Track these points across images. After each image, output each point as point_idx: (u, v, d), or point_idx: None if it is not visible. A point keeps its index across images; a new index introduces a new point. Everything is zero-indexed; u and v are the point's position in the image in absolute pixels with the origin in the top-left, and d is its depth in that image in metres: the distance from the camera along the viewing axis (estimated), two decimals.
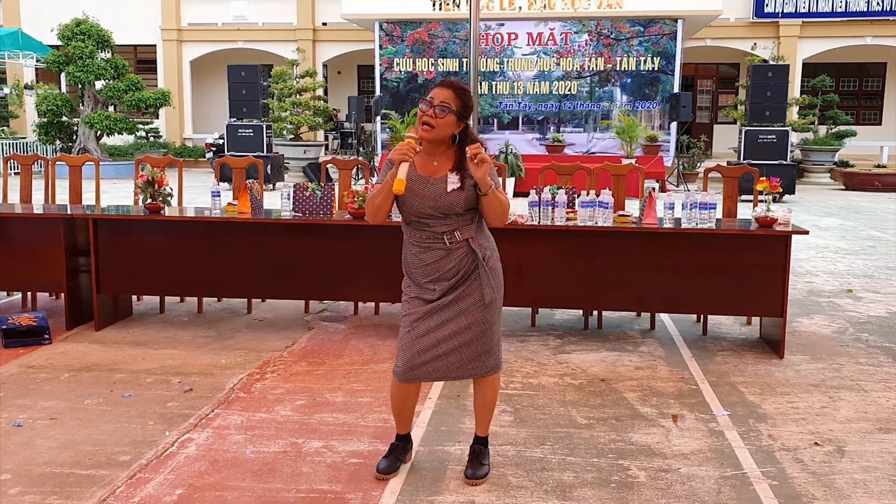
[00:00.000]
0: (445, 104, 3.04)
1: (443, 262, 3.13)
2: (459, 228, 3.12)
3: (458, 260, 3.13)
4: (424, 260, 3.14)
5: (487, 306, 3.17)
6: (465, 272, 3.15)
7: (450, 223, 3.11)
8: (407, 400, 3.34)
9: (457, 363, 3.19)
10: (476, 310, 3.16)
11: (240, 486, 3.23)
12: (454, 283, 3.14)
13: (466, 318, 3.15)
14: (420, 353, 3.16)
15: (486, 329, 3.19)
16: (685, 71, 20.00)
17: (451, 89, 3.08)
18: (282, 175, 16.49)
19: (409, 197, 3.08)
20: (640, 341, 5.38)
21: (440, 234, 3.11)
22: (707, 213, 4.99)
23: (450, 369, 3.20)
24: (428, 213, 3.09)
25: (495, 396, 3.36)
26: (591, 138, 18.13)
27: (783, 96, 14.83)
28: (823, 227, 11.20)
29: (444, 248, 3.12)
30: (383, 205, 3.09)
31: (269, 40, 22.93)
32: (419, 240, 3.14)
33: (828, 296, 6.82)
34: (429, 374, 3.21)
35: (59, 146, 19.39)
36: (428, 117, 3.05)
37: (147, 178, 5.35)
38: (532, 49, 18.14)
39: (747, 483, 3.32)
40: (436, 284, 3.15)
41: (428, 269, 3.14)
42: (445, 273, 3.13)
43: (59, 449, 3.55)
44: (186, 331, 5.51)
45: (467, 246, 3.14)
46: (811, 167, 18.85)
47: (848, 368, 4.85)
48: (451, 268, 3.13)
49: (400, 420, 3.41)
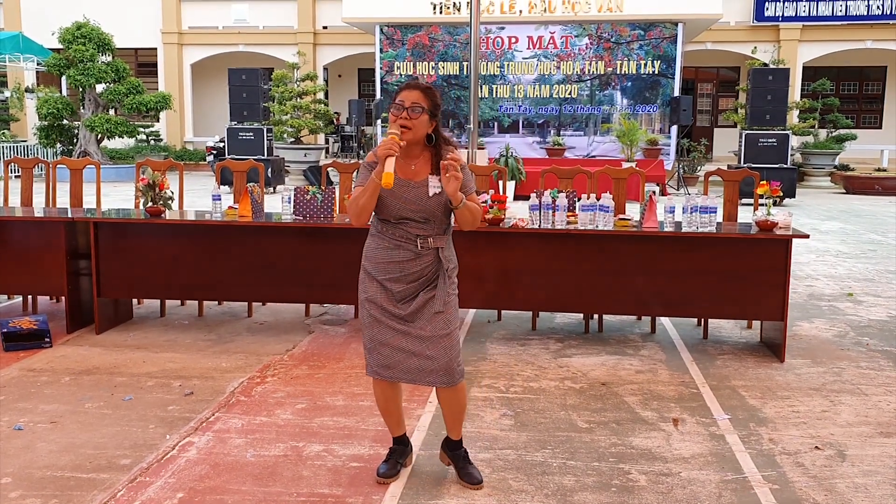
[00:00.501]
0: (417, 104, 3.06)
1: (409, 264, 3.14)
2: (433, 236, 3.14)
3: (423, 266, 3.14)
4: (392, 257, 3.14)
5: (439, 315, 3.15)
6: (426, 280, 3.16)
7: (427, 228, 3.12)
8: (388, 400, 3.34)
9: (428, 369, 3.16)
10: (436, 320, 3.15)
11: (240, 490, 3.23)
12: (413, 288, 3.15)
13: (428, 325, 3.15)
14: (389, 355, 3.18)
15: (445, 335, 3.16)
16: (686, 74, 20.03)
17: (419, 90, 3.09)
18: (282, 178, 16.51)
19: (390, 199, 3.09)
20: (640, 345, 5.38)
21: (414, 236, 3.12)
22: (708, 216, 4.99)
23: (414, 375, 3.19)
24: (408, 215, 3.11)
25: (462, 404, 3.33)
26: (591, 142, 18.16)
27: (783, 100, 14.85)
28: (824, 230, 11.20)
29: (415, 250, 3.13)
30: (368, 204, 3.07)
31: (269, 44, 22.96)
32: (392, 236, 3.15)
33: (828, 299, 6.82)
34: (405, 374, 3.21)
35: (59, 149, 19.42)
36: (403, 119, 3.05)
37: (148, 181, 5.35)
38: (532, 52, 18.18)
39: (748, 487, 3.32)
40: (395, 284, 3.15)
41: (391, 267, 3.14)
42: (408, 275, 3.14)
43: (59, 452, 3.55)
44: (187, 334, 5.51)
45: (435, 255, 3.16)
46: (811, 171, 18.86)
47: (849, 372, 4.85)
48: (416, 272, 3.14)
49: (390, 421, 3.41)
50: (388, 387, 3.31)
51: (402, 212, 3.10)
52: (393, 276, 3.14)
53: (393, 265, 3.14)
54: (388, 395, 3.33)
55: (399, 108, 3.06)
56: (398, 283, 3.15)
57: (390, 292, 3.15)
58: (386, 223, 3.16)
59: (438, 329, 3.15)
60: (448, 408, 3.31)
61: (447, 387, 3.21)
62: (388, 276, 3.15)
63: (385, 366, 3.21)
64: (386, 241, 3.16)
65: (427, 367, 3.17)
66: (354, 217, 3.12)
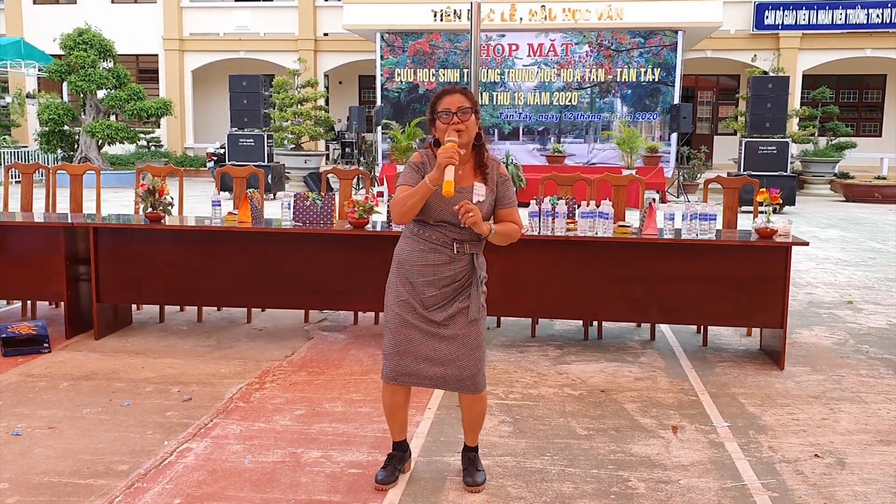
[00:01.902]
0: (464, 106, 3.10)
1: (444, 268, 3.15)
2: (469, 241, 3.17)
3: (456, 270, 3.16)
4: (427, 260, 3.15)
5: (474, 324, 3.19)
6: (460, 286, 3.18)
7: (463, 233, 3.14)
8: (397, 404, 3.34)
9: (453, 375, 3.19)
10: (466, 325, 3.18)
11: (238, 496, 3.22)
12: (446, 293, 3.16)
13: (458, 332, 3.17)
14: (412, 361, 3.18)
15: (475, 346, 3.20)
16: (685, 82, 20.06)
17: (459, 92, 3.13)
18: (283, 185, 16.51)
19: (435, 202, 3.10)
20: (640, 352, 5.37)
21: (451, 240, 3.14)
22: (707, 223, 4.99)
23: (447, 381, 3.20)
24: (448, 219, 3.12)
25: (483, 412, 3.36)
26: (591, 149, 18.17)
27: (783, 108, 14.86)
28: (824, 238, 11.20)
29: (451, 254, 3.15)
30: (416, 206, 3.08)
31: (270, 50, 23.01)
32: (428, 238, 3.16)
33: (828, 307, 6.81)
34: (426, 381, 3.22)
35: (60, 155, 19.44)
36: (455, 124, 3.08)
37: (148, 187, 5.35)
38: (533, 60, 18.21)
39: (747, 495, 3.31)
40: (428, 288, 3.16)
41: (427, 270, 3.15)
42: (442, 279, 3.15)
43: (57, 458, 3.54)
44: (186, 340, 5.51)
45: (470, 260, 3.18)
46: (811, 178, 18.87)
47: (848, 380, 4.84)
48: (449, 276, 3.15)
49: (394, 425, 3.40)
50: (399, 392, 3.30)
51: (444, 215, 3.12)
52: (427, 279, 3.16)
53: (428, 268, 3.15)
54: (396, 399, 3.32)
55: (447, 115, 3.08)
56: (431, 286, 3.16)
57: (422, 296, 3.16)
58: (423, 226, 3.17)
59: (471, 339, 3.19)
60: (469, 414, 3.34)
61: (472, 394, 3.24)
62: (421, 278, 3.16)
63: (405, 373, 3.21)
64: (422, 243, 3.17)
65: (453, 375, 3.19)
66: (398, 216, 3.13)
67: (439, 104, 3.12)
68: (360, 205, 5.14)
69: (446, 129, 3.08)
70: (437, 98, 3.15)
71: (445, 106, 3.10)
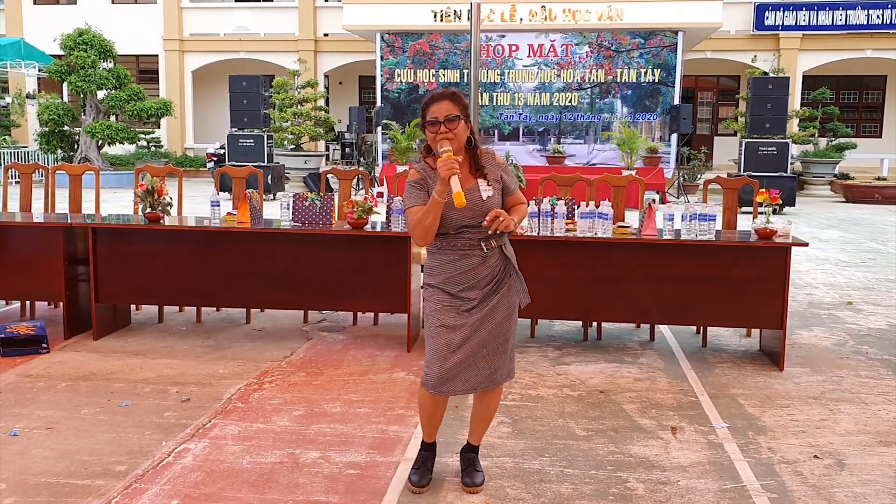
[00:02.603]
0: (451, 114, 3.07)
1: (479, 270, 3.15)
2: (495, 236, 3.16)
3: (492, 267, 3.17)
4: (461, 267, 3.15)
5: (513, 312, 3.23)
6: (498, 279, 3.19)
7: (485, 230, 3.13)
8: (437, 409, 3.32)
9: (485, 373, 3.20)
10: (505, 318, 3.20)
11: (236, 497, 3.21)
12: (487, 291, 3.17)
13: (497, 328, 3.18)
14: (456, 366, 3.15)
15: (508, 337, 3.23)
16: (686, 83, 20.06)
17: (446, 99, 3.10)
18: (282, 185, 16.51)
19: (448, 211, 3.08)
20: (639, 353, 5.36)
21: (476, 241, 3.14)
22: (707, 224, 4.98)
23: (479, 381, 3.20)
24: (467, 223, 3.12)
25: (496, 407, 3.38)
26: (591, 149, 18.17)
27: (783, 108, 14.86)
28: (824, 239, 11.19)
29: (482, 254, 3.15)
30: (434, 224, 3.07)
31: (270, 51, 23.01)
32: (455, 247, 3.15)
33: (828, 308, 6.81)
34: (461, 387, 3.20)
35: (60, 155, 19.44)
36: (443, 134, 3.06)
37: (146, 187, 5.35)
38: (533, 60, 18.20)
39: (746, 496, 3.30)
40: (470, 292, 3.16)
41: (464, 277, 3.15)
42: (480, 280, 3.16)
43: (54, 458, 3.53)
44: (185, 340, 5.50)
45: (500, 252, 3.20)
46: (811, 179, 18.86)
47: (848, 381, 4.84)
48: (486, 275, 3.16)
49: (430, 428, 3.39)
50: (439, 397, 3.28)
51: (462, 220, 3.11)
52: (466, 285, 3.15)
53: (464, 275, 3.15)
54: (437, 403, 3.30)
55: (435, 124, 3.06)
56: (473, 290, 3.15)
57: (465, 300, 3.15)
58: (447, 237, 3.16)
59: (512, 326, 3.22)
60: (486, 408, 3.34)
61: (495, 387, 3.26)
62: (461, 287, 3.15)
63: (446, 380, 3.17)
64: (451, 253, 3.16)
65: (483, 373, 3.18)
66: (421, 238, 3.12)
67: (428, 112, 3.10)
68: (359, 205, 5.14)
69: (435, 137, 3.07)
70: (426, 105, 3.12)
71: (433, 115, 3.08)
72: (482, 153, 3.22)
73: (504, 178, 3.23)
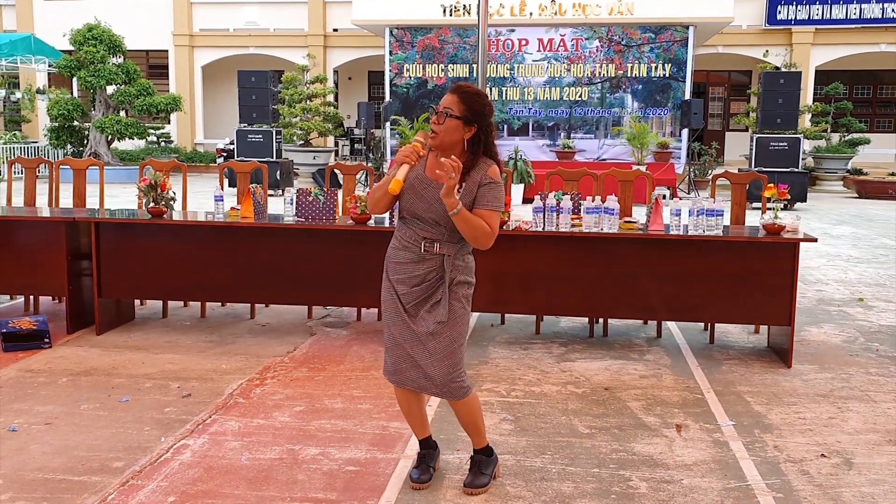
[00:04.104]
0: (447, 109, 3.01)
1: (411, 266, 3.10)
2: (441, 241, 3.07)
3: (426, 270, 3.08)
4: (398, 257, 3.13)
5: (445, 328, 3.07)
6: (430, 286, 3.10)
7: (435, 233, 3.06)
8: (411, 403, 3.28)
9: (430, 380, 3.12)
10: (437, 330, 3.08)
11: (233, 494, 3.18)
12: (417, 293, 3.09)
13: (424, 337, 3.09)
14: (397, 360, 3.15)
15: (448, 353, 3.09)
16: (697, 78, 19.90)
17: (456, 94, 3.04)
18: (291, 181, 16.48)
19: (409, 193, 3.07)
20: (645, 349, 5.30)
21: (420, 238, 3.08)
22: (714, 219, 4.92)
23: (428, 385, 3.14)
24: (420, 214, 3.07)
25: (475, 414, 3.26)
26: (601, 145, 18.06)
27: (795, 104, 14.70)
28: (835, 234, 11.08)
29: (419, 253, 3.08)
30: (381, 199, 3.07)
31: (280, 46, 22.98)
32: (402, 236, 3.14)
33: (838, 304, 6.72)
34: (410, 384, 3.17)
35: (70, 150, 19.48)
36: (432, 123, 3.03)
37: (149, 181, 5.32)
38: (543, 55, 18.10)
39: (751, 496, 3.24)
40: (401, 286, 3.12)
41: (399, 268, 3.13)
42: (411, 278, 3.10)
43: (52, 454, 3.51)
44: (188, 335, 5.47)
45: (440, 261, 3.08)
46: (824, 175, 18.69)
47: (857, 378, 4.76)
48: (418, 275, 3.09)
49: (412, 423, 3.35)
50: (404, 390, 3.24)
51: (415, 208, 3.06)
52: (399, 276, 3.12)
53: (400, 266, 3.12)
54: (408, 398, 3.27)
55: (433, 113, 3.04)
56: (402, 284, 3.12)
57: (399, 293, 3.13)
58: (402, 222, 3.14)
59: (443, 344, 3.08)
60: (460, 419, 3.29)
61: (455, 400, 3.18)
62: (396, 276, 3.13)
63: (393, 371, 3.19)
64: (397, 241, 3.15)
65: (430, 379, 3.13)
66: (370, 206, 3.17)
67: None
68: (361, 200, 5.10)
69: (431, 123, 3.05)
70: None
71: (441, 101, 3.06)
72: (481, 162, 3.08)
73: (482, 189, 3.03)
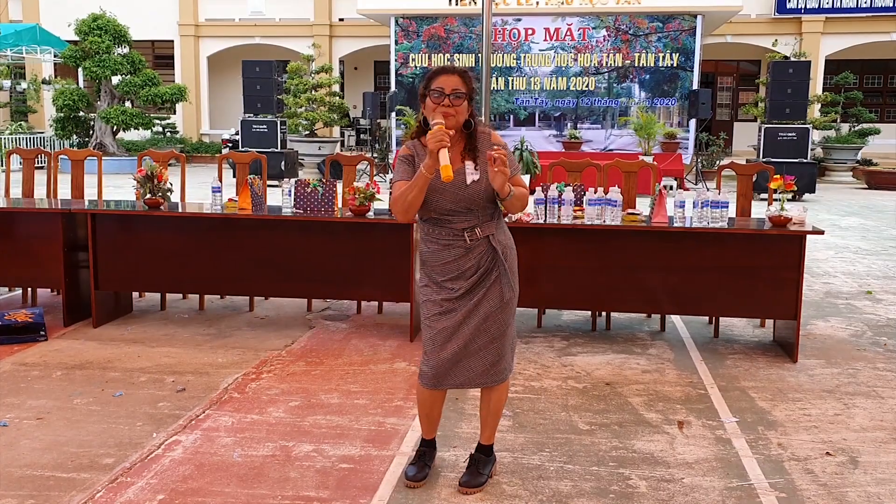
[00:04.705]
0: (458, 90, 2.94)
1: (462, 261, 3.02)
2: (480, 225, 3.01)
3: (478, 258, 3.03)
4: (443, 258, 3.03)
5: (505, 306, 3.07)
6: (485, 270, 3.04)
7: (471, 219, 3.00)
8: (435, 404, 3.23)
9: (479, 369, 3.08)
10: (495, 311, 3.05)
11: (223, 492, 3.12)
12: (473, 282, 3.03)
13: (486, 321, 3.04)
14: (446, 361, 3.06)
15: (503, 331, 3.08)
16: (705, 68, 19.71)
17: (457, 74, 2.97)
18: (296, 171, 16.40)
19: (434, 195, 2.97)
20: (648, 343, 5.22)
21: (461, 230, 3.00)
22: (719, 211, 4.82)
23: (472, 376, 3.09)
24: (449, 208, 2.97)
25: (503, 402, 3.24)
26: (608, 135, 17.93)
27: (804, 93, 14.52)
28: (843, 226, 10.95)
29: (465, 245, 3.01)
30: (417, 199, 2.93)
31: (285, 36, 22.87)
32: (438, 237, 3.03)
33: (846, 297, 6.62)
34: (454, 381, 3.10)
35: (75, 141, 19.43)
36: (446, 107, 2.93)
37: (146, 172, 5.25)
38: (549, 44, 17.96)
39: (753, 495, 3.16)
40: (455, 283, 3.04)
41: (447, 268, 3.04)
42: (465, 272, 3.03)
43: (42, 450, 3.45)
44: (186, 328, 5.42)
45: (487, 243, 3.03)
46: (833, 165, 18.51)
47: (864, 374, 4.67)
48: (471, 266, 3.03)
49: (428, 425, 3.30)
50: (435, 392, 3.18)
51: (442, 203, 2.97)
52: (451, 275, 3.04)
53: (448, 265, 3.03)
54: (434, 399, 3.21)
55: (439, 95, 2.93)
56: (457, 280, 3.03)
57: (451, 290, 3.04)
58: (431, 223, 3.05)
59: (503, 322, 3.06)
60: (489, 407, 3.21)
61: (495, 385, 3.13)
62: (447, 276, 3.04)
63: (433, 375, 3.09)
64: (434, 243, 3.05)
65: (478, 368, 3.07)
66: (402, 213, 2.99)
67: (433, 81, 2.96)
68: (360, 192, 5.02)
69: (435, 108, 2.93)
70: (433, 75, 2.99)
71: (439, 85, 2.94)
72: (479, 133, 3.05)
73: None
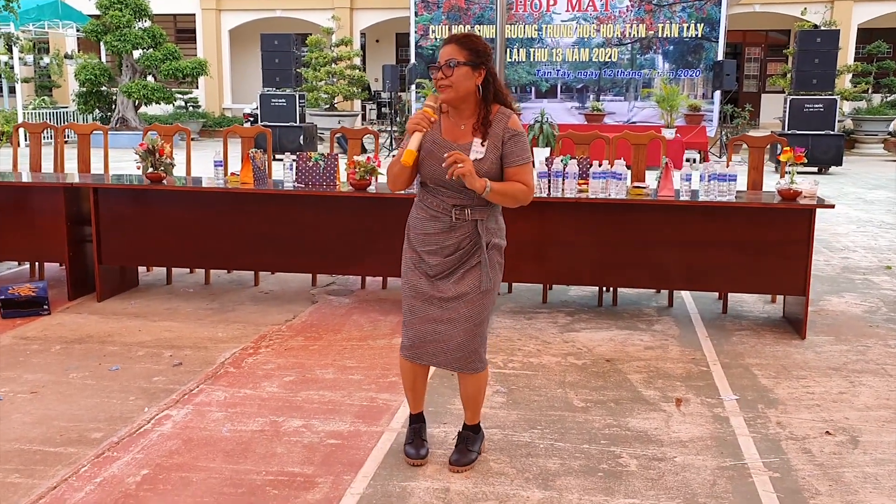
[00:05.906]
0: (451, 59, 2.86)
1: (443, 236, 2.96)
2: (471, 206, 2.93)
3: (459, 238, 2.95)
4: (427, 229, 2.98)
5: (483, 295, 2.98)
6: (465, 253, 2.97)
7: (463, 198, 2.92)
8: (417, 377, 3.19)
9: (449, 353, 3.02)
10: (471, 294, 2.97)
11: (208, 467, 3.10)
12: (451, 262, 2.97)
13: (460, 300, 2.97)
14: (422, 334, 3.03)
15: (478, 318, 2.99)
16: (733, 38, 19.31)
17: (453, 42, 2.89)
18: (315, 145, 16.37)
19: (429, 160, 2.92)
20: (654, 319, 5.13)
21: (450, 206, 2.93)
22: (726, 185, 4.70)
23: (447, 359, 3.03)
24: (444, 180, 2.90)
25: (481, 390, 3.17)
26: (631, 107, 17.63)
27: (832, 63, 14.13)
28: (869, 199, 10.70)
29: (450, 221, 2.94)
30: (400, 174, 2.93)
31: (306, 8, 22.74)
32: (429, 205, 2.98)
33: (863, 272, 6.45)
34: (431, 358, 3.06)
35: (98, 115, 19.54)
36: (440, 80, 2.87)
37: (147, 146, 5.23)
38: (571, 15, 17.65)
39: (746, 475, 3.09)
40: (432, 257, 2.98)
41: (428, 239, 2.98)
42: (445, 248, 2.96)
43: (32, 424, 3.47)
44: (189, 302, 5.42)
45: (474, 227, 2.95)
46: (863, 137, 18.10)
47: (875, 351, 4.55)
48: (451, 244, 2.96)
49: (413, 398, 3.25)
50: (415, 365, 3.14)
51: (438, 174, 2.90)
52: (430, 248, 2.98)
53: (429, 237, 2.98)
54: (415, 372, 3.17)
55: (436, 69, 2.88)
56: (435, 255, 2.98)
57: (428, 265, 2.99)
58: (426, 191, 3.00)
59: (476, 313, 2.98)
60: (464, 391, 3.16)
61: (469, 374, 3.07)
62: (426, 247, 2.99)
63: (410, 346, 3.07)
64: (423, 210, 3.00)
65: (453, 351, 3.00)
66: (390, 183, 3.02)
67: (439, 55, 2.91)
68: (361, 165, 4.95)
69: (436, 82, 2.88)
70: (439, 48, 2.94)
71: (439, 58, 2.89)
72: (497, 110, 2.95)
73: (507, 145, 2.91)
